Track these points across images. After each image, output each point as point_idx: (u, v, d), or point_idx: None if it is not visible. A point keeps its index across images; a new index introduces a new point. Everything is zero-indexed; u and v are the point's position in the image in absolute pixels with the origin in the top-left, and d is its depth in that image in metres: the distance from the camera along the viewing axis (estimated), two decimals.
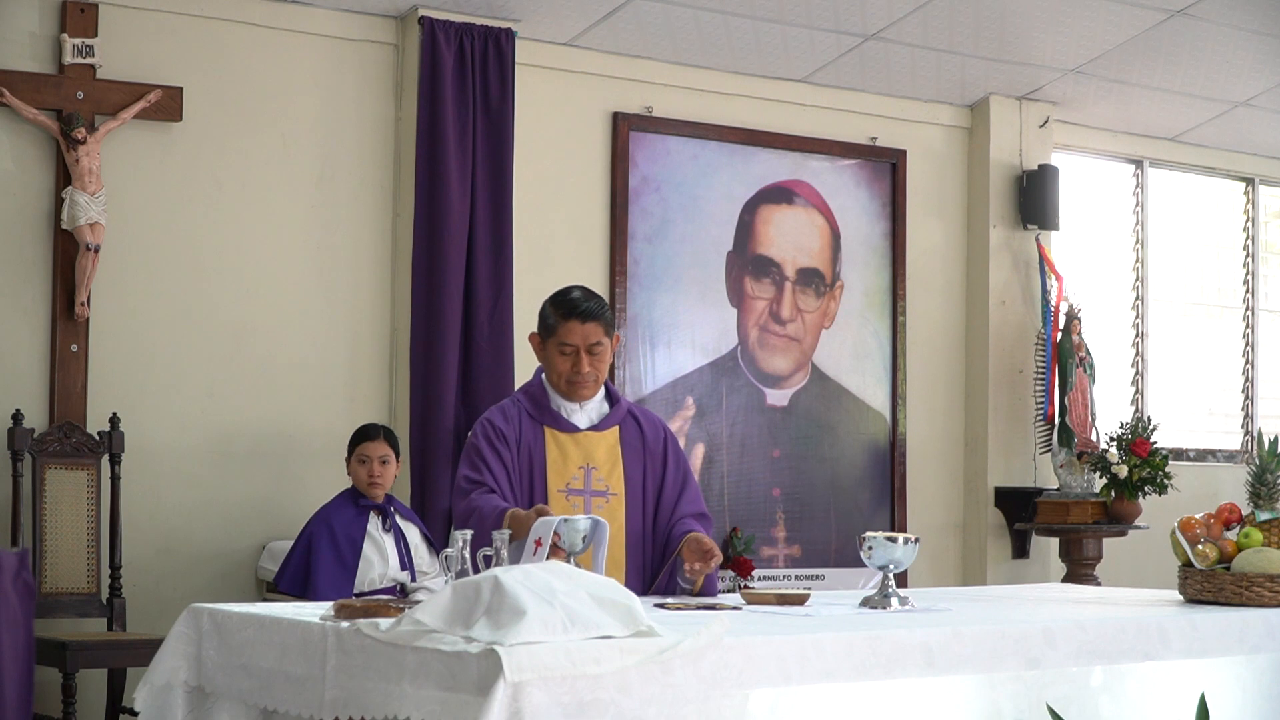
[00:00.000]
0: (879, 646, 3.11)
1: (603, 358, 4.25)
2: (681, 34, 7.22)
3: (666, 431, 4.41)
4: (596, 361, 4.23)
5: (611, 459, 4.27)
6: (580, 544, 3.76)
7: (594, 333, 4.21)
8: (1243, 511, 4.11)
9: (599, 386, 4.30)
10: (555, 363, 4.24)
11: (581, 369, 4.21)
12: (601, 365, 4.25)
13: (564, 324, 4.21)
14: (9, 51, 6.18)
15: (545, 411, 4.28)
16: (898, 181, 8.17)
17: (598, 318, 4.22)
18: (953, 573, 8.21)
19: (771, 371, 7.82)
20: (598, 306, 4.24)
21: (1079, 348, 8.05)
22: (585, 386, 4.26)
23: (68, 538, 6.02)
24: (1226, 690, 3.72)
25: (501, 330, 6.85)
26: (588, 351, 4.21)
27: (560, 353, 4.22)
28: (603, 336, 4.23)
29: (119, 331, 6.34)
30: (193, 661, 3.37)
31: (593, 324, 4.20)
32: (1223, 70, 8.00)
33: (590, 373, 4.23)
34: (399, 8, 6.82)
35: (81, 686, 5.77)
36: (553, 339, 4.23)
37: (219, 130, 6.58)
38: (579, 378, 4.23)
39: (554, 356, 4.24)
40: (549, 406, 4.29)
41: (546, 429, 4.26)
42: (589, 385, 4.26)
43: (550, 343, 4.24)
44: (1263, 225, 9.39)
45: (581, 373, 4.22)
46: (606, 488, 4.24)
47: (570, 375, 4.23)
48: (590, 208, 7.37)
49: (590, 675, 2.68)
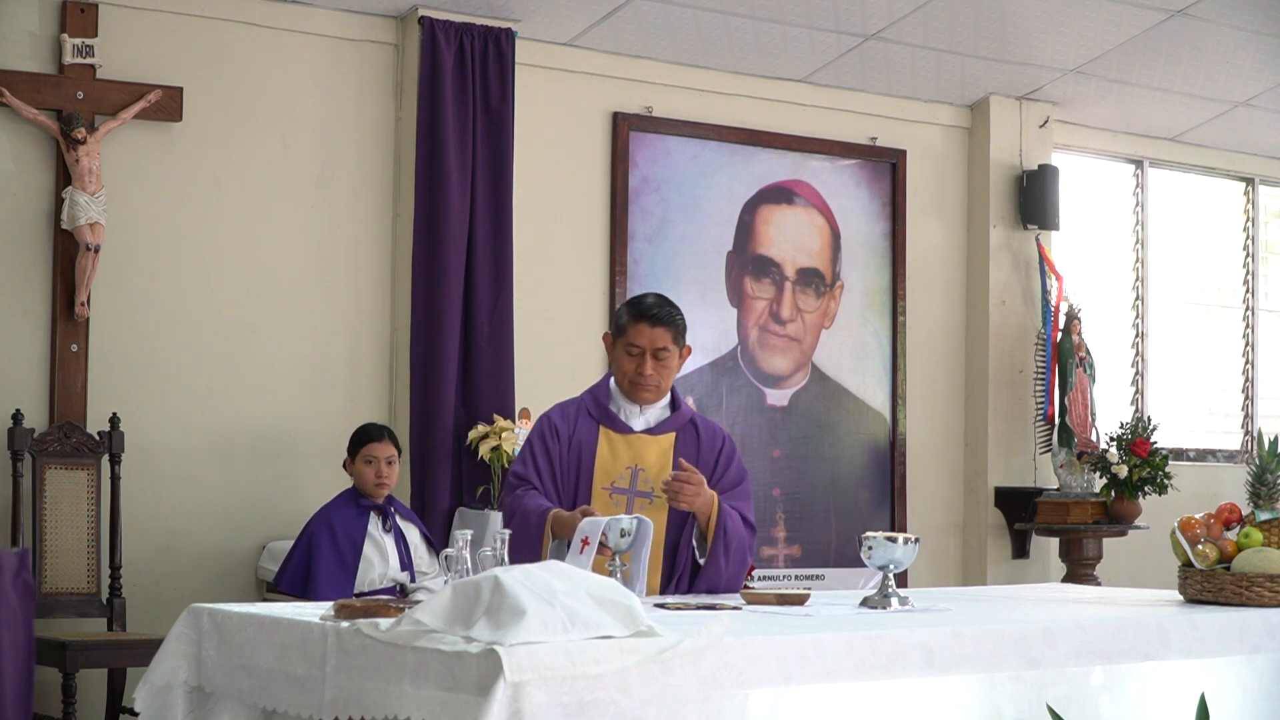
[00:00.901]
0: (879, 646, 3.11)
1: (668, 364, 4.32)
2: (681, 34, 7.22)
3: (725, 441, 4.44)
4: (661, 367, 4.30)
5: (661, 463, 4.31)
6: (623, 542, 3.83)
7: (661, 338, 4.28)
8: (1243, 511, 4.11)
9: (661, 393, 4.36)
10: (621, 363, 4.33)
11: (645, 371, 4.29)
12: (666, 372, 4.32)
13: (634, 325, 4.30)
14: (9, 51, 6.18)
15: (604, 411, 4.36)
16: (898, 181, 8.17)
17: (667, 324, 4.30)
18: (953, 573, 8.21)
19: (771, 371, 7.82)
20: (669, 314, 4.33)
21: (1079, 348, 8.05)
22: (647, 390, 4.32)
23: (68, 538, 6.02)
24: (1226, 690, 3.72)
25: (501, 330, 6.85)
26: (653, 356, 4.29)
27: (627, 353, 4.31)
28: (670, 344, 4.30)
29: (119, 331, 6.34)
30: (193, 661, 3.37)
31: (661, 329, 4.29)
32: (1223, 70, 8.00)
33: (653, 376, 4.30)
34: (399, 8, 6.82)
35: (81, 686, 5.77)
36: (622, 339, 4.32)
37: (219, 130, 6.58)
38: (641, 380, 4.30)
39: (621, 357, 4.33)
40: (609, 407, 4.37)
41: (602, 427, 4.34)
42: (650, 389, 4.32)
43: (619, 343, 4.33)
44: (1263, 225, 9.39)
45: (644, 375, 4.29)
46: (651, 489, 4.28)
47: (634, 376, 4.31)
48: (590, 208, 7.37)
49: (590, 675, 2.68)
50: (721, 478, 4.36)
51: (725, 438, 4.45)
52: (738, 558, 4.28)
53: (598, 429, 4.33)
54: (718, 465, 4.37)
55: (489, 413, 6.72)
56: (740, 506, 4.33)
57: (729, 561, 4.25)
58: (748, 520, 4.34)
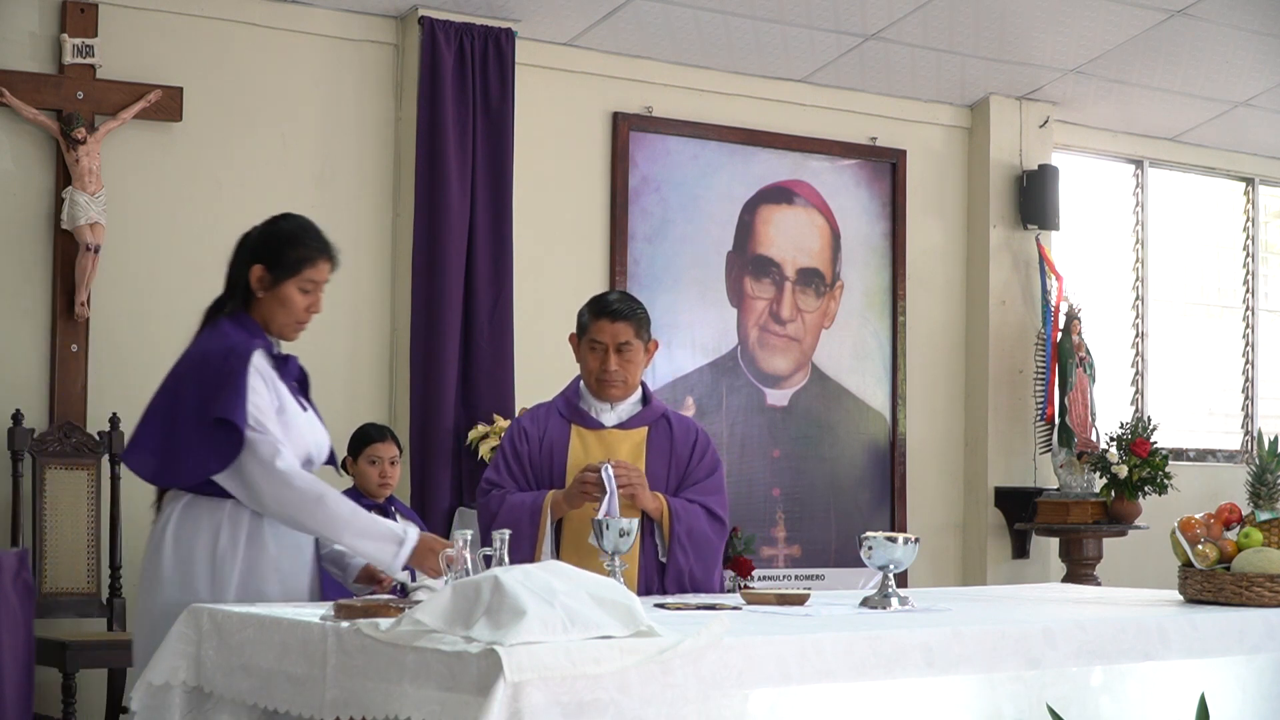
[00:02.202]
0: (879, 646, 3.11)
1: (632, 359, 4.33)
2: (681, 34, 7.22)
3: (699, 435, 4.44)
4: (625, 362, 4.31)
5: (634, 457, 4.32)
6: (623, 542, 3.82)
7: (623, 332, 4.30)
8: (1243, 511, 4.11)
9: (629, 388, 4.37)
10: (587, 360, 4.35)
11: (609, 366, 4.30)
12: (631, 367, 4.33)
13: (595, 322, 4.32)
14: (9, 51, 6.18)
15: (575, 410, 4.38)
16: (898, 181, 8.17)
17: (627, 318, 4.31)
18: (953, 573, 8.21)
19: (771, 371, 7.82)
20: (629, 308, 4.34)
21: (1079, 348, 8.05)
22: (613, 385, 4.33)
23: (68, 538, 6.02)
24: (1226, 690, 3.72)
25: (501, 330, 6.85)
26: (616, 351, 4.30)
27: (590, 349, 4.33)
28: (632, 337, 4.31)
29: (119, 331, 6.34)
30: (192, 661, 3.37)
31: (622, 323, 4.30)
32: (1223, 70, 8.00)
33: (618, 372, 4.31)
34: (399, 8, 6.82)
35: (81, 686, 5.77)
36: (585, 337, 4.35)
37: (219, 130, 6.58)
38: (607, 375, 4.31)
39: (586, 354, 4.35)
40: (579, 406, 4.39)
41: (574, 426, 4.35)
42: (617, 385, 4.33)
43: (584, 341, 4.36)
44: (1263, 225, 9.39)
45: (609, 370, 4.30)
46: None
47: (599, 373, 4.32)
48: (590, 208, 7.37)
49: (590, 675, 2.68)
50: (694, 469, 4.37)
51: (699, 431, 4.45)
52: (702, 553, 4.29)
53: (569, 427, 4.35)
54: (692, 457, 4.38)
55: (489, 413, 6.72)
56: (709, 501, 4.35)
57: (691, 557, 4.26)
58: (715, 514, 4.34)
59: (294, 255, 3.91)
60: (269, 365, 3.85)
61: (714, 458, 4.43)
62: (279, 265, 3.91)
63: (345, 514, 3.63)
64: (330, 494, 3.65)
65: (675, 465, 4.36)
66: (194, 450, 3.72)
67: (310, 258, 3.90)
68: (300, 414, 3.88)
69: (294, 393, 3.93)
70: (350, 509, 3.66)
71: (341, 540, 3.65)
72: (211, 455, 3.69)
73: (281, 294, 3.90)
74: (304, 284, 3.89)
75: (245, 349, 3.78)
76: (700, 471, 4.38)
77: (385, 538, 3.64)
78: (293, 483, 3.63)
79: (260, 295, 3.93)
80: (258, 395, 3.74)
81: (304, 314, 3.92)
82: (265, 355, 3.84)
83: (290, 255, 3.91)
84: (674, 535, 4.24)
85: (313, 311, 3.94)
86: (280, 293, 3.90)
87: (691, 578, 4.28)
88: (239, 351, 3.76)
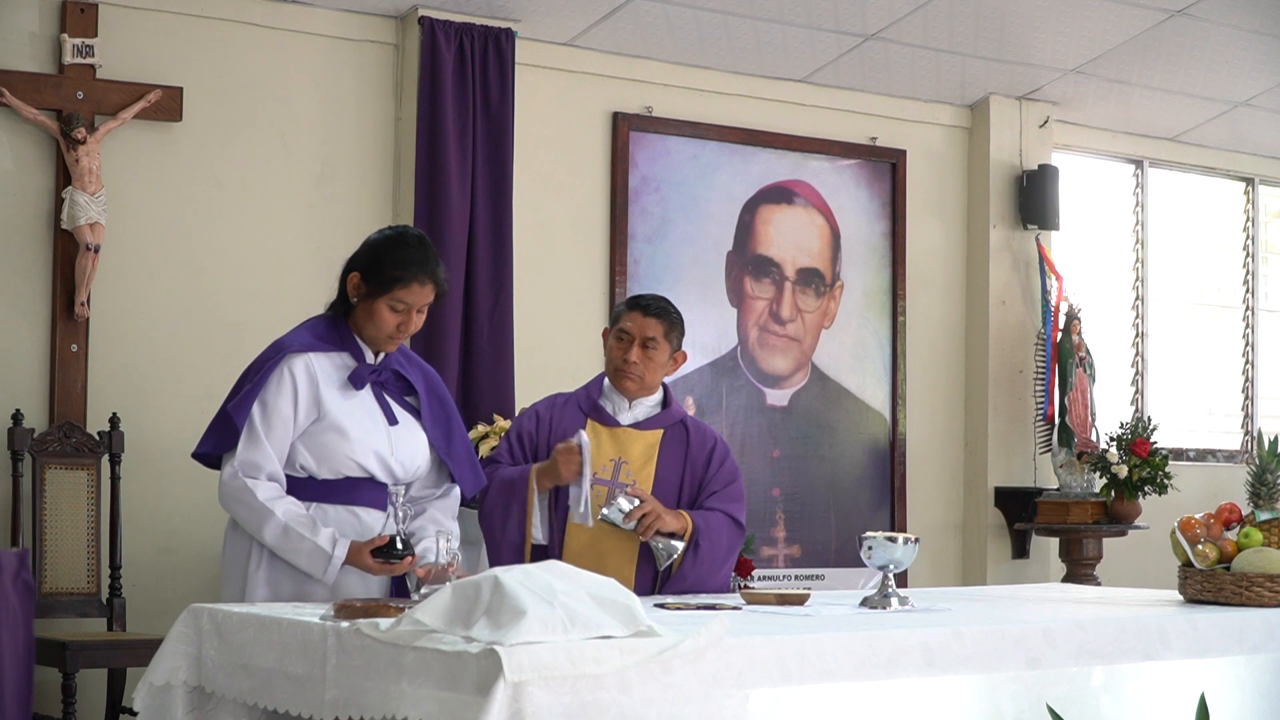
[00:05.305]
0: (879, 646, 3.11)
1: (655, 358, 4.36)
2: (681, 34, 7.22)
3: (718, 444, 4.46)
4: (647, 358, 4.34)
5: (645, 457, 4.34)
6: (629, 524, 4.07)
7: (652, 327, 4.35)
8: (1243, 511, 4.11)
9: (645, 387, 4.39)
10: (611, 350, 4.39)
11: (629, 357, 4.33)
12: (651, 365, 4.36)
13: (627, 313, 4.39)
14: (9, 51, 6.18)
15: (594, 405, 4.41)
16: (898, 181, 8.17)
17: (658, 315, 4.37)
18: (953, 573, 8.21)
19: (771, 371, 7.82)
20: (663, 307, 4.40)
21: (1079, 348, 8.05)
22: (629, 378, 4.35)
23: (68, 538, 6.02)
24: (1226, 690, 3.72)
25: (501, 330, 6.85)
26: (641, 345, 4.34)
27: (617, 339, 4.38)
28: (660, 335, 4.35)
29: (119, 331, 6.34)
30: (193, 661, 3.38)
31: (653, 319, 4.35)
32: (1223, 70, 8.00)
33: (636, 365, 4.33)
34: (399, 8, 6.82)
35: (81, 686, 5.77)
36: (615, 327, 4.40)
37: (219, 130, 6.58)
38: (626, 366, 4.34)
39: (611, 344, 4.40)
40: (599, 402, 4.41)
41: (589, 420, 4.38)
42: (633, 378, 4.35)
43: (613, 331, 4.40)
44: (1263, 225, 9.39)
45: (629, 361, 4.33)
46: (633, 483, 4.30)
47: (618, 363, 4.36)
48: (590, 208, 7.37)
49: (590, 675, 2.69)
50: (713, 478, 4.38)
51: (717, 439, 4.47)
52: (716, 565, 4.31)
53: (584, 420, 4.37)
54: (709, 465, 4.39)
55: (489, 413, 6.72)
56: (730, 508, 4.36)
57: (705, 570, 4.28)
58: (738, 521, 4.37)
59: (389, 272, 3.84)
60: (320, 369, 3.83)
61: (733, 466, 4.45)
62: (373, 278, 3.86)
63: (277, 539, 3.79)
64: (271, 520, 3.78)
65: (690, 472, 4.38)
66: (209, 431, 3.91)
67: (403, 278, 3.82)
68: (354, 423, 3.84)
69: (382, 402, 3.87)
70: (282, 532, 3.78)
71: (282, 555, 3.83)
72: (209, 440, 3.90)
73: (372, 307, 3.86)
74: (394, 302, 3.83)
75: (286, 351, 3.79)
76: (719, 481, 4.39)
77: (314, 555, 3.76)
78: (242, 498, 3.82)
79: (355, 302, 3.87)
80: (278, 397, 3.74)
81: (395, 331, 3.86)
82: (322, 358, 3.84)
83: (386, 271, 3.85)
84: (698, 549, 4.25)
85: (405, 330, 3.87)
86: (371, 306, 3.86)
87: (696, 583, 4.28)
88: (280, 352, 3.80)
